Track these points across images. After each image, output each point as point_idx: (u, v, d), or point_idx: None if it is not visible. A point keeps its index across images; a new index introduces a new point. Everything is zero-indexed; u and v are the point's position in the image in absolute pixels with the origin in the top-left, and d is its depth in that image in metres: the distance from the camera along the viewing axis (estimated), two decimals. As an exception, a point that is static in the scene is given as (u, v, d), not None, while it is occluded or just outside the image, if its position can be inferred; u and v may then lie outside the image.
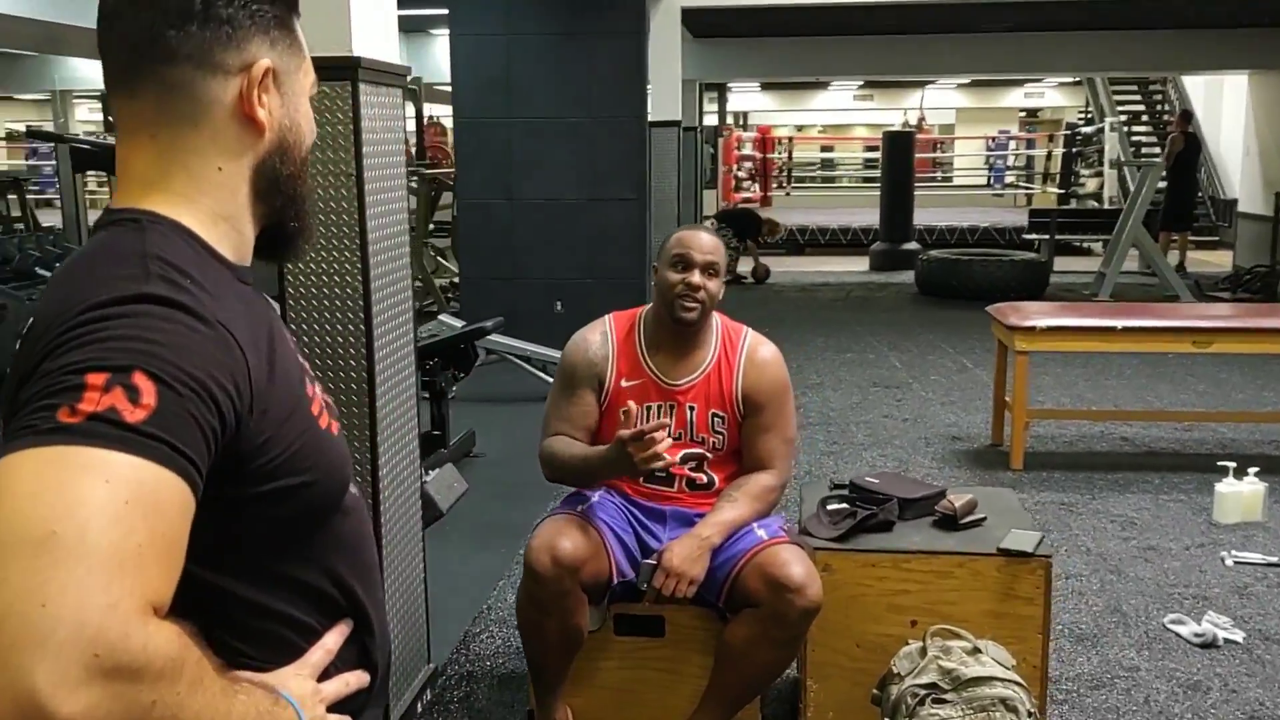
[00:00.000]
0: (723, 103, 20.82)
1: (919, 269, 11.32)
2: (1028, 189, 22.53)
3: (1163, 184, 11.99)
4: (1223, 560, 4.04)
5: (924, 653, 2.46)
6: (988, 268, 10.79)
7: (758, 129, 22.79)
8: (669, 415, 2.69)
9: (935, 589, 2.71)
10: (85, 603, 0.77)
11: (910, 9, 11.03)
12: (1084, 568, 3.99)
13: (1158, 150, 15.70)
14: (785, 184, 23.37)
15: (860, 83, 24.24)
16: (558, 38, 7.71)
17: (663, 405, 2.70)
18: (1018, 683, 2.40)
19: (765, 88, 24.91)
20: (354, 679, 1.09)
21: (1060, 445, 5.67)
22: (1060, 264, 12.37)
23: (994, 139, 24.45)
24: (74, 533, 0.78)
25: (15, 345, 0.95)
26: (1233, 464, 4.49)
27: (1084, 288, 10.85)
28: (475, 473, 5.07)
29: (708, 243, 2.71)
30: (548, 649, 2.61)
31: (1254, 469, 4.46)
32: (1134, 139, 17.66)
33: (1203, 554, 4.12)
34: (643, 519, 2.71)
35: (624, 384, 2.72)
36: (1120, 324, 5.16)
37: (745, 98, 25.91)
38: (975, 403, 6.43)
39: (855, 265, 13.83)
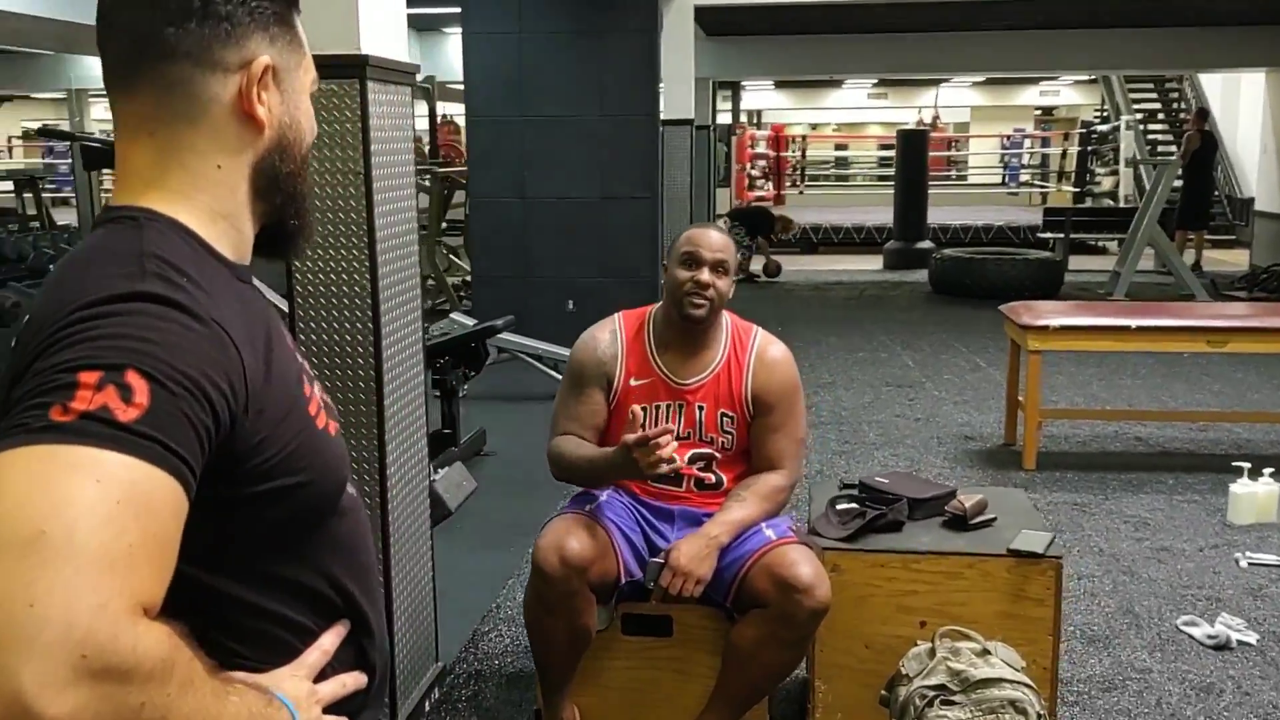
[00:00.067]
0: (736, 101, 20.79)
1: (933, 268, 11.27)
2: (1043, 187, 22.43)
3: (1179, 182, 11.92)
4: (1237, 561, 4.01)
5: (933, 654, 2.45)
6: (1002, 267, 10.75)
7: (771, 127, 22.75)
8: (678, 414, 2.68)
9: (945, 590, 2.69)
10: (73, 603, 0.76)
11: (925, 7, 10.99)
12: (1096, 568, 3.97)
13: (1174, 148, 15.60)
14: (799, 182, 23.35)
15: (874, 81, 24.20)
16: (570, 36, 7.71)
17: (671, 404, 2.69)
18: (1027, 685, 2.38)
19: (779, 86, 24.84)
20: (351, 680, 1.08)
21: (1074, 445, 5.64)
22: (1075, 263, 12.31)
23: (1009, 137, 24.36)
24: (63, 532, 0.78)
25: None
26: (1248, 464, 4.46)
27: (1099, 287, 10.79)
28: (486, 471, 5.07)
29: (717, 241, 2.70)
30: (555, 648, 2.61)
31: (1269, 470, 4.43)
32: (1150, 137, 17.57)
33: (1217, 555, 4.09)
34: (651, 519, 2.70)
35: (633, 383, 2.71)
36: (1134, 323, 5.12)
37: (759, 96, 25.86)
38: (988, 402, 6.40)
39: (869, 264, 13.79)
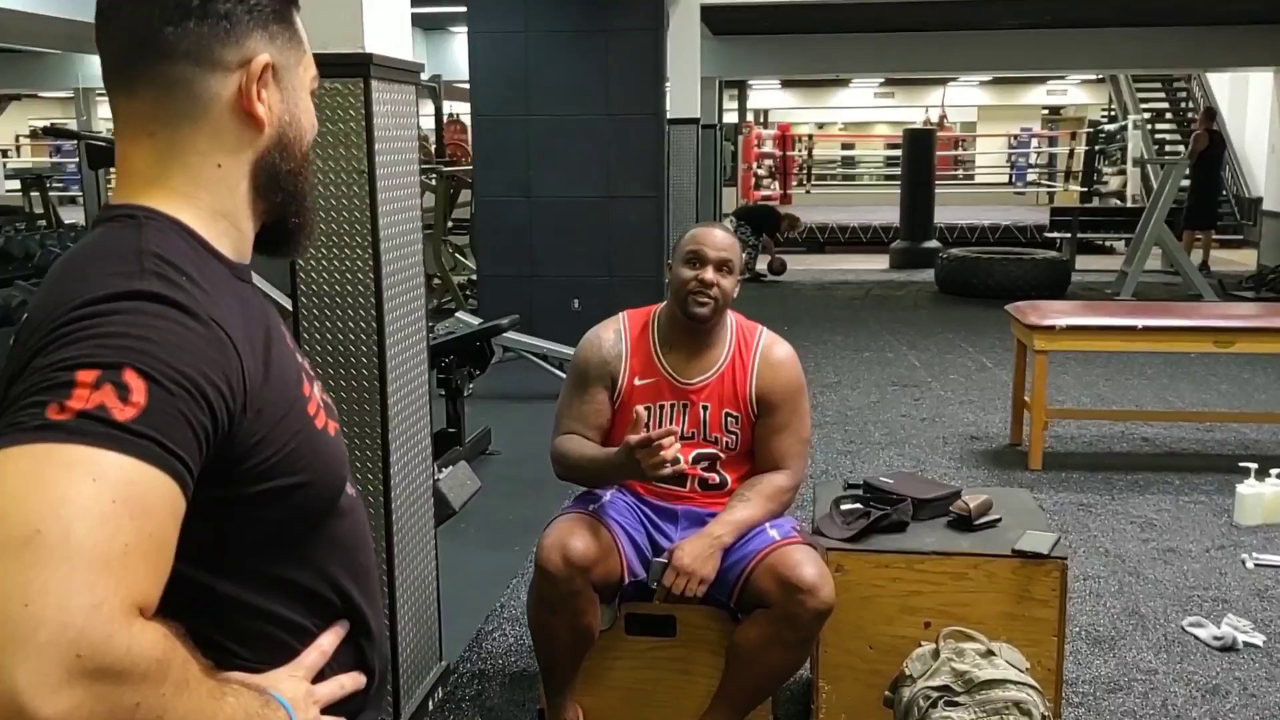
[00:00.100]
0: (743, 100, 20.78)
1: (939, 267, 11.25)
2: (1050, 187, 22.38)
3: (1186, 182, 11.89)
4: (1243, 562, 4.00)
5: (937, 655, 2.44)
6: (1008, 266, 10.72)
7: (778, 126, 22.72)
8: (682, 414, 2.68)
9: (949, 590, 2.68)
10: (68, 603, 0.76)
11: (931, 6, 10.97)
12: (1102, 569, 3.96)
13: (1181, 148, 15.56)
14: (805, 182, 23.32)
15: (881, 80, 24.15)
16: (576, 35, 7.70)
17: (676, 404, 2.68)
18: (1032, 686, 2.37)
19: (786, 85, 24.82)
20: (349, 681, 1.08)
21: (1080, 445, 5.62)
22: (1082, 263, 12.29)
23: (1016, 136, 24.30)
24: (58, 532, 0.78)
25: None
26: (1254, 465, 4.44)
27: (1106, 287, 10.76)
28: (491, 470, 5.07)
29: (721, 239, 2.69)
30: (558, 648, 2.60)
31: (1276, 470, 4.41)
32: (1157, 136, 17.54)
33: (1223, 556, 4.08)
34: (655, 519, 2.70)
35: (637, 382, 2.70)
36: (1141, 323, 5.11)
37: (765, 95, 25.83)
38: (994, 402, 6.38)
39: (875, 263, 13.77)
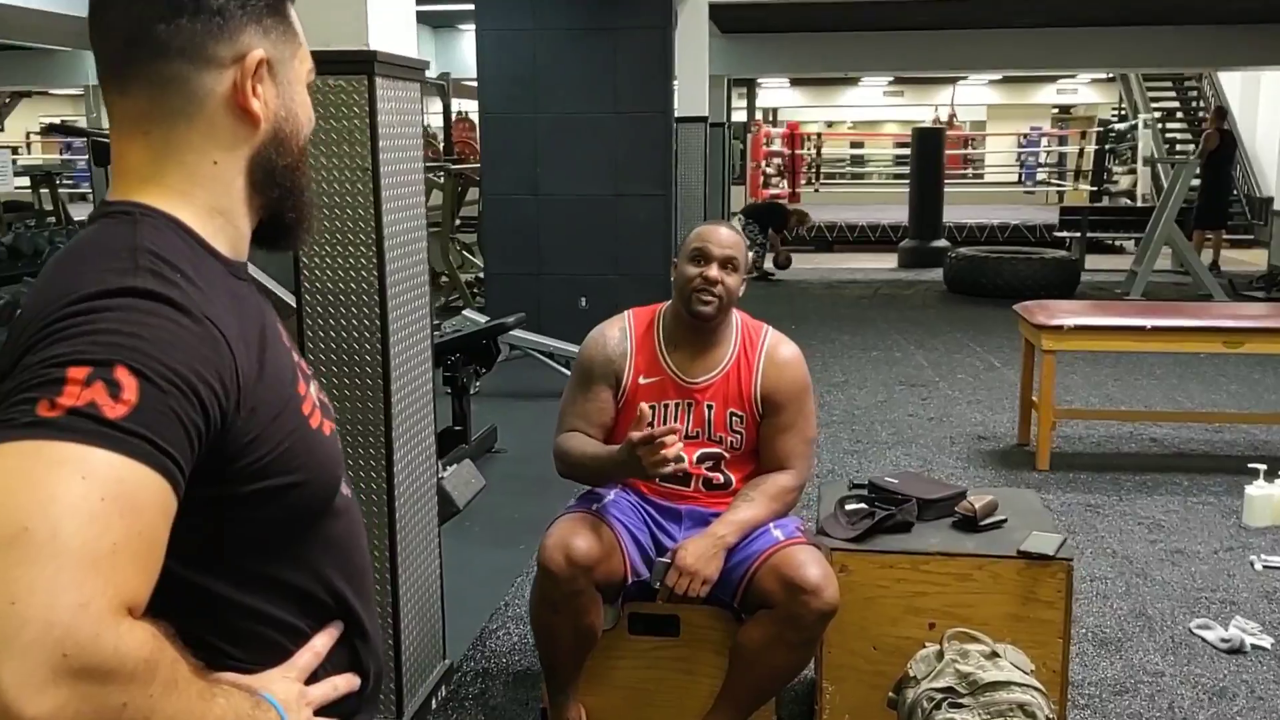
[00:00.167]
0: (751, 98, 20.75)
1: (948, 267, 11.21)
2: (1059, 186, 22.31)
3: (1197, 181, 11.84)
4: (1252, 564, 3.98)
5: (941, 656, 2.43)
6: (1017, 266, 10.68)
7: (787, 125, 22.68)
8: (686, 413, 2.67)
9: (954, 591, 2.67)
10: (55, 602, 0.76)
11: (941, 5, 10.94)
12: (1109, 570, 3.94)
13: (1192, 147, 15.50)
14: (814, 180, 23.29)
15: (890, 79, 24.11)
16: (584, 32, 7.69)
17: (680, 403, 2.67)
18: (1036, 688, 2.36)
19: (795, 83, 24.79)
20: (343, 682, 1.07)
21: (1088, 446, 5.60)
22: (1092, 262, 12.24)
23: (1026, 135, 24.25)
24: (46, 529, 0.77)
25: None
26: (1264, 466, 4.42)
27: (1116, 286, 10.72)
28: (496, 469, 5.06)
29: (727, 237, 2.68)
30: (561, 648, 2.60)
31: (1285, 472, 4.39)
32: (1168, 136, 17.47)
33: (1231, 558, 4.06)
34: (658, 518, 2.69)
35: (641, 381, 2.69)
36: (1150, 323, 5.08)
37: (774, 93, 25.80)
38: (1002, 402, 6.36)
39: (883, 262, 13.73)
